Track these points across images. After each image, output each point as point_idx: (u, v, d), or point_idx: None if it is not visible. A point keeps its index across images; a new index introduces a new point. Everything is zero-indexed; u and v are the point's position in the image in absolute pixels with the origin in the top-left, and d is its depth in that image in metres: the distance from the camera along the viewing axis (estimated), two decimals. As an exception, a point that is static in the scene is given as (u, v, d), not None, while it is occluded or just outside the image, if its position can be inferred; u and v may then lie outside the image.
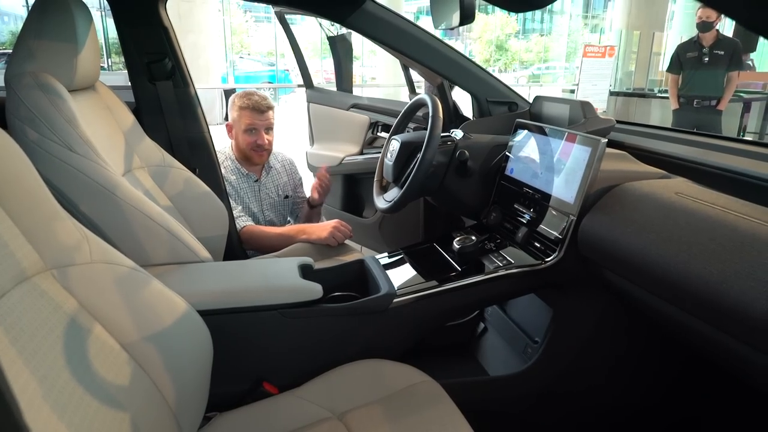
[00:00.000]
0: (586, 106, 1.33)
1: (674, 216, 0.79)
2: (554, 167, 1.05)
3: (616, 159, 1.03)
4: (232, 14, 17.07)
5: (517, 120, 1.25)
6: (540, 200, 1.07)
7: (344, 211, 2.27)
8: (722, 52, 4.20)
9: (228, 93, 8.73)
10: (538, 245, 1.03)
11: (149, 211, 1.05)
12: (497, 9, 22.44)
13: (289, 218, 2.01)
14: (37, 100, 0.97)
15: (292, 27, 2.32)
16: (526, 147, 1.19)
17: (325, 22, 2.35)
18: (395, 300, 0.99)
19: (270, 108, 1.75)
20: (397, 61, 2.02)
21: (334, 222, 1.57)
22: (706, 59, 4.23)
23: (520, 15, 22.29)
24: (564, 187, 1.00)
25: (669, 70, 4.54)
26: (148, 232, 1.03)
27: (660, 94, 5.91)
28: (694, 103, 4.24)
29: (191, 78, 1.49)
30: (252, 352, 0.96)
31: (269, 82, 13.51)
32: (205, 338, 0.82)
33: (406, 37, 1.51)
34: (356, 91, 2.58)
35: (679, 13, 10.88)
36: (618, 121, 1.42)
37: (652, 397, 1.14)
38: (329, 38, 2.38)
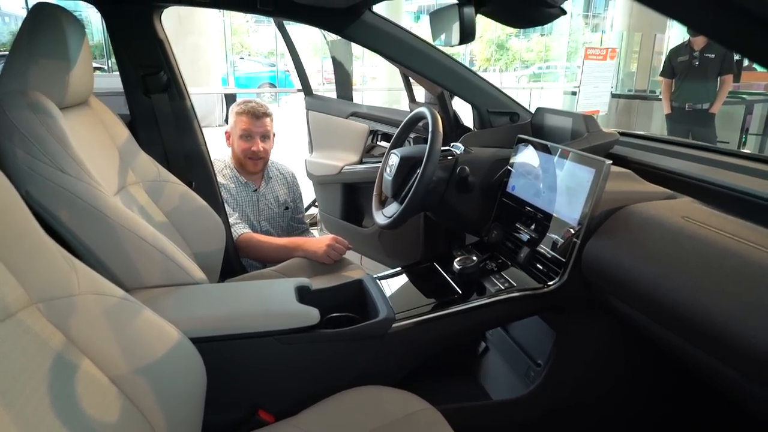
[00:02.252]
0: (589, 120, 1.30)
1: (681, 243, 0.77)
2: (557, 186, 1.02)
3: (620, 178, 1.01)
4: (232, 16, 17.04)
5: (519, 135, 1.23)
6: (542, 220, 1.05)
7: (343, 221, 2.25)
8: (713, 55, 4.11)
9: (228, 96, 8.71)
10: (541, 267, 1.01)
11: (142, 231, 1.03)
12: (498, 9, 22.42)
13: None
14: (28, 121, 0.95)
15: (291, 26, 2.29)
16: (528, 163, 1.16)
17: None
18: (394, 325, 0.97)
19: (267, 115, 1.73)
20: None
21: (329, 239, 1.55)
22: (697, 63, 4.16)
23: (521, 15, 22.27)
24: (567, 208, 0.98)
25: (662, 74, 4.51)
26: (140, 254, 1.01)
27: (661, 97, 5.88)
28: (686, 107, 4.18)
29: (187, 91, 1.47)
30: (247, 379, 0.93)
31: (270, 84, 13.43)
32: (198, 368, 0.80)
33: (405, 48, 1.49)
34: (357, 93, 2.55)
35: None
36: (621, 133, 1.40)
37: (651, 415, 1.12)
38: (329, 43, 2.35)
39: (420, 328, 0.98)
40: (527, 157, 1.18)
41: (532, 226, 1.08)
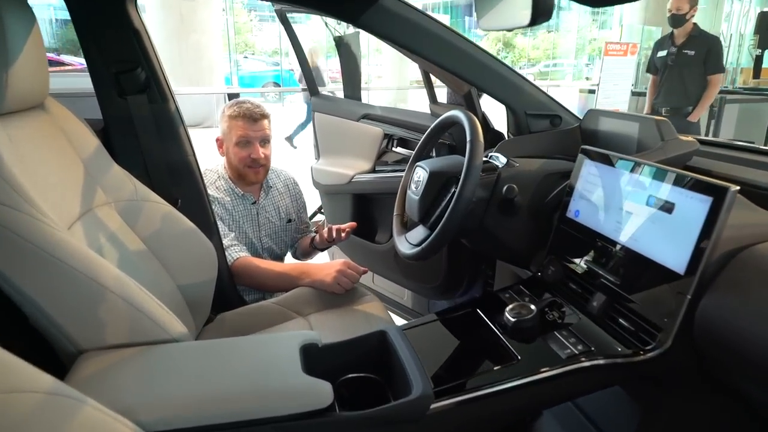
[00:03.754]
0: (663, 126, 1.05)
1: None
2: (647, 217, 0.78)
3: None
4: (236, 14, 16.83)
5: (583, 147, 0.98)
6: (623, 259, 0.80)
7: (354, 235, 2.00)
8: (692, 52, 3.54)
9: (232, 96, 8.48)
10: (626, 324, 0.76)
11: (103, 275, 0.79)
12: (504, 6, 22.08)
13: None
14: None
15: (295, 25, 2.06)
16: (597, 183, 0.92)
17: (331, 22, 2.09)
18: (433, 405, 0.73)
19: (265, 117, 1.49)
20: (404, 59, 1.75)
21: (339, 264, 1.31)
22: (672, 60, 3.61)
23: (528, 11, 21.94)
24: (666, 248, 0.73)
25: (647, 70, 3.99)
26: (98, 305, 0.77)
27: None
28: (663, 111, 3.63)
29: (171, 90, 1.23)
30: None
31: (274, 83, 13.25)
32: None
33: (430, 39, 1.24)
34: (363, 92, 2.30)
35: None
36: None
37: None
38: (335, 39, 2.11)
39: (467, 407, 0.74)
40: (595, 173, 0.93)
41: (609, 266, 0.83)
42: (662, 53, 3.72)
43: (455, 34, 1.26)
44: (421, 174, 1.08)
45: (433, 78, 1.88)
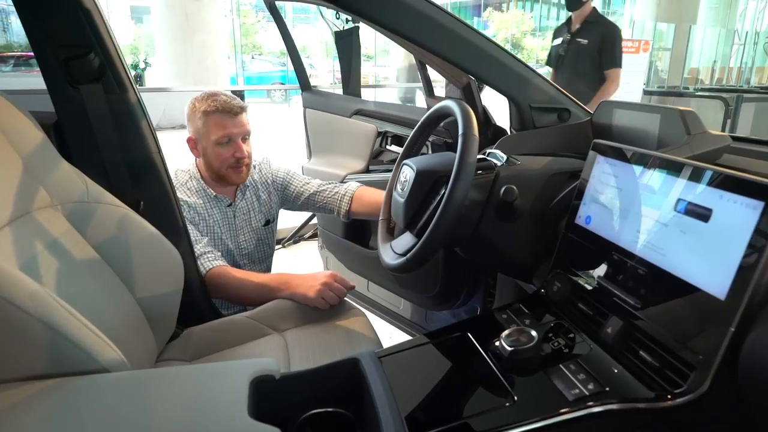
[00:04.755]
0: (689, 117, 0.90)
1: None
2: (675, 226, 0.63)
3: None
4: (244, 15, 16.79)
5: (596, 141, 0.83)
6: (647, 278, 0.66)
7: (346, 239, 1.87)
8: (585, 41, 2.90)
9: (236, 94, 8.40)
10: (649, 358, 0.61)
11: (15, 292, 0.65)
12: (512, 6, 21.91)
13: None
14: None
15: (299, 24, 1.93)
16: (613, 185, 0.77)
17: (330, 16, 1.96)
18: None
19: (243, 110, 1.35)
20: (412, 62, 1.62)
21: (325, 277, 1.17)
22: (564, 50, 2.98)
23: (536, 12, 21.72)
24: (702, 266, 0.58)
25: (547, 62, 3.36)
26: (8, 328, 0.64)
27: (698, 93, 5.40)
28: None
29: (131, 79, 1.10)
30: None
31: (281, 83, 13.25)
32: None
33: (422, 22, 1.10)
34: (369, 93, 2.18)
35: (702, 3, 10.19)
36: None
37: None
38: (335, 34, 1.99)
39: None
40: (609, 173, 0.78)
41: (627, 284, 0.68)
42: (557, 41, 3.06)
43: (452, 18, 1.11)
44: (407, 173, 0.94)
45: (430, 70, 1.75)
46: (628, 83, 5.09)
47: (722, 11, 9.55)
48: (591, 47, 2.89)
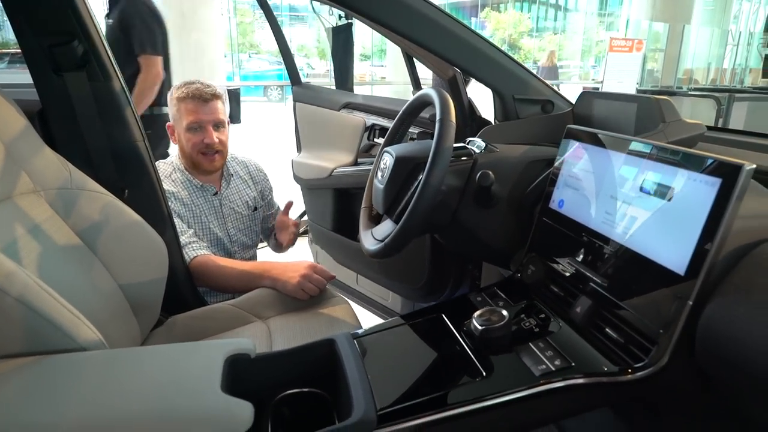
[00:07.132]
0: (664, 105, 0.92)
1: None
2: (641, 206, 0.64)
3: None
4: (242, 14, 16.77)
5: (569, 126, 0.85)
6: (613, 257, 0.67)
7: (334, 232, 1.88)
8: (111, 20, 2.21)
9: (231, 92, 8.40)
10: (615, 335, 0.63)
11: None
12: (510, 7, 21.95)
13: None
14: None
15: (298, 24, 1.94)
16: (584, 168, 0.78)
17: (324, 12, 1.97)
18: (377, 431, 0.60)
19: (217, 97, 1.37)
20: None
21: (305, 267, 1.18)
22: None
23: (534, 13, 21.76)
24: (665, 244, 0.60)
25: None
26: None
27: (692, 93, 5.42)
28: None
29: (116, 68, 1.11)
30: None
31: (278, 81, 13.27)
32: None
33: (409, 15, 1.11)
34: (366, 90, 2.19)
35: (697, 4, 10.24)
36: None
37: None
38: (328, 30, 2.00)
39: None
40: (582, 157, 0.80)
41: (596, 265, 0.70)
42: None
43: (438, 11, 1.13)
44: (387, 160, 0.95)
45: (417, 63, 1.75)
46: (621, 82, 5.12)
47: (717, 12, 9.59)
48: (115, 28, 2.15)
